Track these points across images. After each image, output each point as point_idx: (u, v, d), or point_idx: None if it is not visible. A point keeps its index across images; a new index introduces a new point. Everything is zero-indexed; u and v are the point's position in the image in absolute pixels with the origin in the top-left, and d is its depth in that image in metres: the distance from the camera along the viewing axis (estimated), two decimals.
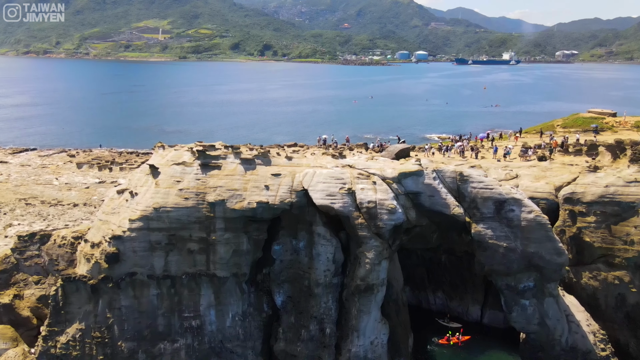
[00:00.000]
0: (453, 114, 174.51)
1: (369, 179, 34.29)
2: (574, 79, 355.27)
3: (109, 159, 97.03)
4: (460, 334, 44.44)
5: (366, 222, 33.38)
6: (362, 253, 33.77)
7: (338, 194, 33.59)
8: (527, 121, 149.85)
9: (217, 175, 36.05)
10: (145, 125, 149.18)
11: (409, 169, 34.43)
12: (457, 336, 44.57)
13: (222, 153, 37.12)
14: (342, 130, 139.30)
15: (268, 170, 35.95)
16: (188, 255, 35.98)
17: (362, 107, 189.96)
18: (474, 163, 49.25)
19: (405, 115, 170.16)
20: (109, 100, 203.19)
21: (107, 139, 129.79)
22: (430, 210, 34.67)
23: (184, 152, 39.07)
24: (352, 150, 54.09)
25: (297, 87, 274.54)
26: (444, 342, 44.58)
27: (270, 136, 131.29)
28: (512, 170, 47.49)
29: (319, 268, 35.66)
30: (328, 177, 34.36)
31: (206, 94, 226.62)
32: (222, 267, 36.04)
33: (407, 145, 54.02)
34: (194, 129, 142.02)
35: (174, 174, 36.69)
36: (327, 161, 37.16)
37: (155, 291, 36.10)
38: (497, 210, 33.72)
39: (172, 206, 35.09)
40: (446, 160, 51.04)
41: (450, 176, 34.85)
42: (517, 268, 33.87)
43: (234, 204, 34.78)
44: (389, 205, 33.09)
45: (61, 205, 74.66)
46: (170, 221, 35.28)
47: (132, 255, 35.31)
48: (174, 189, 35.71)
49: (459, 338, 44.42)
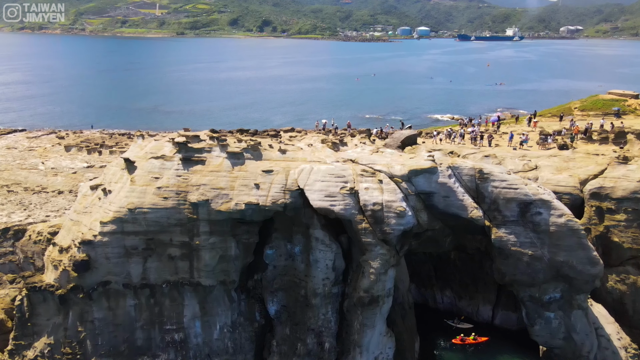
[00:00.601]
0: (457, 92, 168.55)
1: (374, 177, 29.62)
2: (579, 56, 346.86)
3: (99, 142, 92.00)
4: (475, 335, 40.26)
5: (371, 227, 28.86)
6: (366, 262, 29.35)
7: (338, 195, 28.98)
8: (534, 100, 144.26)
9: (200, 172, 31.39)
10: (139, 105, 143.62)
11: (420, 165, 29.69)
12: (474, 336, 40.34)
13: (207, 146, 32.36)
14: (345, 109, 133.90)
15: (258, 165, 31.25)
16: (169, 261, 31.60)
17: (365, 86, 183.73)
18: (488, 152, 44.51)
19: (409, 94, 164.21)
20: (103, 78, 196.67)
21: (100, 119, 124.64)
22: (444, 212, 30.13)
23: (165, 144, 34.32)
24: (353, 136, 49.32)
25: (297, 64, 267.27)
26: (457, 343, 40.42)
27: (268, 116, 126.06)
28: (530, 160, 42.71)
29: (317, 276, 31.31)
30: (327, 175, 29.69)
31: (203, 72, 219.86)
32: (208, 275, 31.70)
33: (413, 132, 49.17)
34: (189, 109, 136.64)
35: (152, 169, 32.03)
36: (326, 155, 32.42)
37: (132, 302, 31.85)
38: (521, 213, 29.18)
39: (150, 207, 30.54)
40: (456, 149, 46.24)
41: (468, 174, 30.16)
42: (543, 278, 29.52)
43: (219, 205, 30.20)
44: (398, 207, 28.51)
45: (45, 192, 69.98)
46: (147, 224, 30.79)
47: (105, 262, 30.93)
48: (152, 187, 31.10)
49: (475, 339, 40.17)
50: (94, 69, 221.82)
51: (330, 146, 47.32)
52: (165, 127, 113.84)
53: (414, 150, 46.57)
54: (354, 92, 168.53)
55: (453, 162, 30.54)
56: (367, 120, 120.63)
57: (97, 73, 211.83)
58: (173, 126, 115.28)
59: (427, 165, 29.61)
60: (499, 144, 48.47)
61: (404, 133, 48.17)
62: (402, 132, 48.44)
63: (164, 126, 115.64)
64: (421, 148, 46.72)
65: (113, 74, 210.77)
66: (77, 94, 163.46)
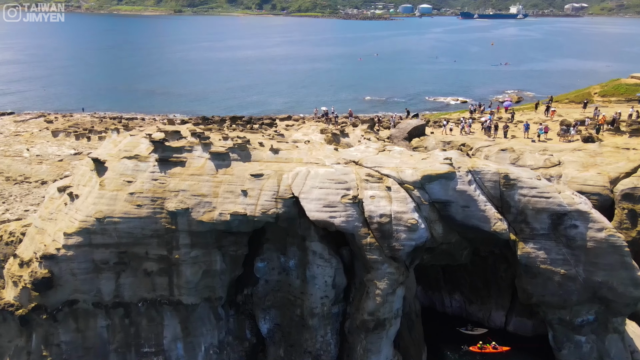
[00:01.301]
0: (462, 73, 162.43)
1: (381, 183, 25.15)
2: (585, 34, 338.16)
3: (88, 127, 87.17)
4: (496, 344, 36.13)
5: (377, 243, 24.54)
6: (371, 282, 25.12)
7: (339, 205, 24.57)
8: (542, 82, 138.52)
9: (179, 175, 26.91)
10: (134, 87, 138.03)
11: (435, 169, 25.13)
12: (493, 345, 36.20)
13: (187, 144, 27.79)
14: (346, 91, 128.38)
15: (246, 168, 26.73)
16: (145, 277, 27.39)
17: (367, 66, 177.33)
18: (504, 145, 39.99)
19: (413, 75, 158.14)
20: (97, 58, 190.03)
21: (92, 101, 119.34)
22: (462, 224, 25.78)
23: (141, 140, 29.74)
24: (355, 126, 44.70)
25: (296, 43, 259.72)
26: (475, 350, 36.33)
27: (266, 99, 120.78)
28: (552, 155, 38.17)
29: (315, 294, 27.14)
30: (326, 180, 25.21)
31: (201, 52, 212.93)
32: (190, 292, 27.54)
33: (420, 121, 44.55)
34: (185, 91, 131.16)
35: (124, 171, 27.56)
36: (325, 154, 27.86)
37: (104, 322, 27.75)
38: (553, 225, 24.82)
39: (121, 216, 26.19)
40: (468, 140, 41.70)
41: (491, 179, 25.65)
42: (577, 300, 25.34)
43: (200, 215, 25.83)
44: (409, 220, 24.14)
45: (27, 182, 65.62)
46: (118, 235, 26.49)
47: (71, 278, 26.72)
48: (124, 193, 26.68)
49: (495, 347, 36.04)
50: (88, 48, 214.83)
51: (330, 137, 42.78)
52: (160, 110, 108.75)
53: (423, 141, 42.07)
54: (355, 73, 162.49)
55: (473, 165, 25.98)
56: (368, 103, 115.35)
57: (92, 52, 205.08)
58: (168, 109, 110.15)
59: (443, 169, 25.06)
60: (515, 135, 43.88)
61: (410, 123, 43.63)
62: (408, 122, 43.88)
63: (158, 109, 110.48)
64: (430, 139, 42.20)
65: (108, 54, 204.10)
66: (70, 75, 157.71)
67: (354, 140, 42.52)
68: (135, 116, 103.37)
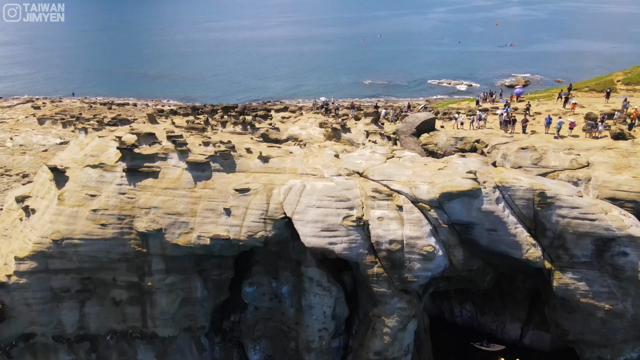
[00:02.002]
0: (467, 55, 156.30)
1: (391, 201, 20.77)
2: (590, 14, 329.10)
3: (76, 114, 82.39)
4: None
5: (386, 274, 20.31)
6: (378, 318, 20.95)
7: (341, 228, 20.24)
8: (549, 64, 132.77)
9: (151, 188, 22.52)
10: (127, 69, 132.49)
11: (456, 186, 20.65)
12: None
13: (161, 151, 23.29)
14: (347, 74, 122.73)
15: (230, 181, 22.30)
16: (113, 306, 23.26)
17: (370, 47, 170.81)
18: (524, 142, 35.41)
19: (416, 57, 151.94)
20: (90, 39, 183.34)
21: (83, 85, 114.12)
22: (488, 250, 21.47)
23: (111, 143, 25.31)
24: (358, 119, 40.13)
25: (297, 24, 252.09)
26: None
27: (265, 83, 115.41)
28: (579, 154, 33.62)
29: (312, 326, 23.02)
30: (325, 197, 20.82)
31: (197, 32, 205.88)
32: (166, 324, 23.42)
33: (429, 115, 39.88)
34: (180, 74, 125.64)
35: (88, 182, 23.16)
36: (324, 163, 23.36)
37: (67, 357, 23.71)
38: (598, 252, 20.54)
39: (82, 237, 21.91)
40: (483, 136, 37.15)
41: (523, 197, 21.23)
42: (622, 339, 21.21)
43: (175, 237, 21.55)
44: (424, 247, 19.86)
45: (8, 176, 61.21)
46: (80, 259, 22.26)
47: (26, 309, 22.58)
48: (85, 209, 22.35)
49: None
50: (81, 30, 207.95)
51: (330, 132, 38.28)
52: (153, 95, 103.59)
53: (433, 137, 37.58)
54: (357, 55, 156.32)
55: (502, 179, 21.51)
56: (370, 87, 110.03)
57: (84, 33, 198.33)
58: (161, 93, 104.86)
59: (466, 186, 20.59)
60: (535, 130, 39.22)
61: (419, 117, 39.00)
62: (417, 116, 39.24)
63: (151, 93, 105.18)
64: (440, 135, 37.68)
65: (102, 34, 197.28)
66: (61, 57, 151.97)
67: (356, 136, 38.05)
68: (127, 101, 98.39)
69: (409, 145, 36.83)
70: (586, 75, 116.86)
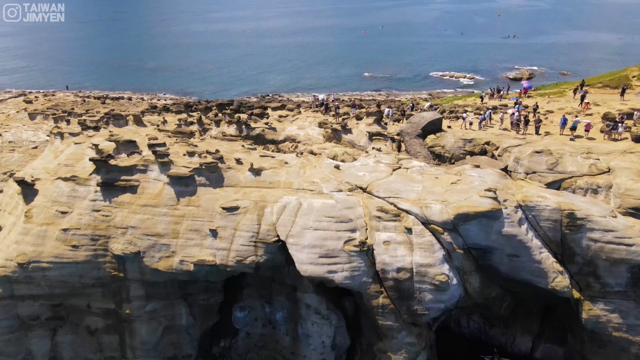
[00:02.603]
0: (470, 47, 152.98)
1: (398, 222, 18.20)
2: (594, 4, 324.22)
3: (68, 108, 79.50)
4: None
5: (393, 305, 17.81)
6: (383, 353, 18.46)
7: (342, 254, 17.71)
8: (553, 56, 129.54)
9: (129, 205, 19.95)
10: (123, 62, 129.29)
11: (474, 206, 17.99)
12: None
13: (140, 162, 20.69)
14: (348, 66, 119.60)
15: (217, 197, 19.72)
16: (88, 335, 20.81)
17: (370, 39, 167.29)
18: (538, 144, 32.78)
19: (418, 49, 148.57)
20: (86, 31, 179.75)
21: (78, 78, 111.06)
22: (509, 278, 18.93)
23: (88, 151, 22.72)
24: (360, 119, 37.43)
25: (297, 14, 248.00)
26: None
27: (263, 76, 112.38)
28: (598, 158, 30.97)
29: (309, 356, 20.56)
30: (324, 217, 18.26)
31: (196, 23, 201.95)
32: (147, 354, 20.95)
33: (436, 115, 37.07)
34: (178, 66, 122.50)
35: (58, 197, 20.59)
36: (323, 176, 20.73)
37: None
38: (634, 281, 18.00)
39: (51, 260, 19.39)
40: (494, 138, 34.49)
41: (549, 218, 18.62)
42: None
43: (155, 261, 19.03)
44: (437, 276, 17.35)
45: None
46: (50, 284, 19.78)
47: None
48: (55, 228, 19.81)
49: None
50: (77, 21, 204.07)
51: (330, 133, 35.64)
52: (149, 89, 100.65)
53: (440, 139, 34.87)
54: (357, 47, 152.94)
55: (525, 198, 18.90)
56: (370, 80, 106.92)
57: (80, 25, 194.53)
58: (158, 86, 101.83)
59: (485, 206, 17.93)
60: (549, 131, 36.50)
61: (425, 117, 36.26)
62: (422, 116, 36.50)
63: (147, 87, 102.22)
64: (448, 137, 35.00)
65: (98, 25, 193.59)
66: (56, 49, 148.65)
67: (357, 137, 35.40)
68: (122, 95, 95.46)
69: (415, 148, 34.17)
70: (591, 67, 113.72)
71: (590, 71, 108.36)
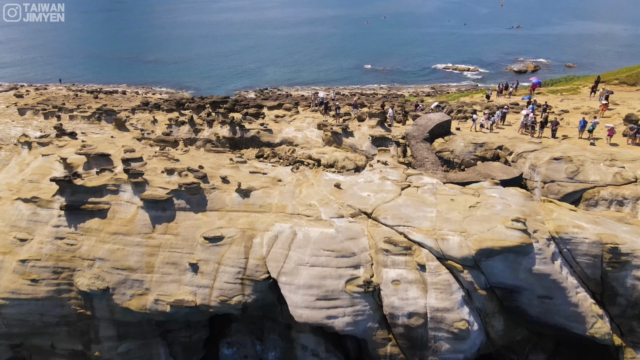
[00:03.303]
0: (473, 38, 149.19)
1: (409, 256, 15.41)
2: None
3: (59, 104, 76.41)
4: None
5: (403, 355, 15.10)
6: None
7: (343, 296, 14.95)
8: (559, 47, 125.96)
9: (97, 232, 17.15)
10: (119, 54, 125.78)
11: (499, 239, 15.08)
12: None
13: (111, 182, 17.85)
14: (348, 58, 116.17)
15: (199, 224, 16.91)
16: None
17: (374, 30, 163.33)
18: (555, 150, 29.95)
19: (420, 40, 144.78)
20: (83, 21, 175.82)
21: (71, 71, 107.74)
22: (539, 322, 16.18)
23: (56, 164, 19.91)
24: (362, 120, 34.57)
25: (297, 4, 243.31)
26: None
27: (262, 68, 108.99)
28: (623, 166, 28.10)
29: None
30: (322, 251, 15.48)
31: (195, 14, 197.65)
32: None
33: (445, 117, 34.01)
34: (174, 59, 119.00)
35: (17, 221, 17.79)
36: (321, 197, 17.86)
37: None
38: None
39: (8, 296, 16.67)
40: (507, 142, 31.65)
41: (588, 252, 15.80)
42: None
43: (127, 299, 16.28)
44: (455, 323, 14.61)
45: None
46: (7, 322, 17.07)
47: None
48: (12, 258, 17.05)
49: None
50: (72, 10, 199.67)
51: (330, 136, 32.80)
52: (144, 82, 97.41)
53: (448, 143, 32.06)
54: (360, 38, 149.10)
55: (559, 229, 16.02)
56: (371, 73, 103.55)
57: (76, 15, 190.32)
58: (153, 79, 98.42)
59: (512, 240, 15.03)
60: (567, 134, 33.55)
61: (432, 119, 33.36)
62: (429, 118, 33.58)
63: (143, 80, 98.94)
64: (457, 141, 32.16)
65: (94, 16, 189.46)
66: (50, 40, 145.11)
67: (359, 141, 32.57)
68: (117, 89, 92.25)
69: (421, 153, 31.31)
70: (598, 59, 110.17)
71: (597, 64, 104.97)
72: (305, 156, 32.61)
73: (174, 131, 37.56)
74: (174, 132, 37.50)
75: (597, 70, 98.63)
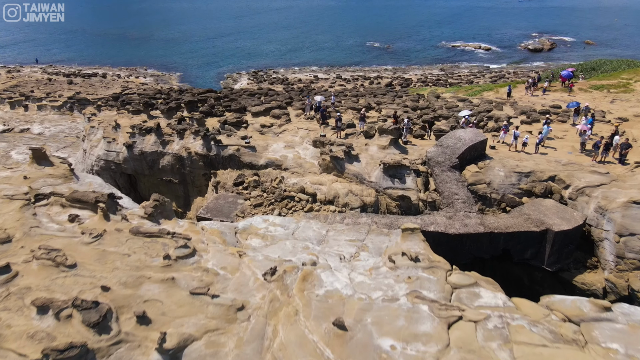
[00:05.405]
0: (482, 10, 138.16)
1: None
2: None
3: (27, 91, 67.32)
4: None
5: None
6: None
7: None
8: (574, 22, 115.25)
9: None
10: (105, 29, 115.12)
11: None
12: None
13: None
14: (351, 36, 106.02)
15: None
16: None
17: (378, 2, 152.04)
18: (632, 186, 21.70)
19: (426, 13, 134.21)
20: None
21: (51, 50, 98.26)
22: None
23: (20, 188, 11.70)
24: (370, 138, 26.12)
25: None
26: None
27: (258, 46, 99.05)
28: None
29: None
30: None
31: None
32: None
33: (479, 135, 25.19)
34: (163, 37, 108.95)
35: None
36: (309, 352, 9.80)
37: None
38: None
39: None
40: (562, 171, 23.27)
41: None
42: None
43: None
44: None
45: None
46: None
47: None
48: None
49: None
50: None
51: (329, 162, 24.41)
52: (130, 62, 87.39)
53: (484, 172, 23.63)
54: (362, 11, 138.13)
55: None
56: (377, 51, 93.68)
57: None
58: (138, 60, 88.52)
59: None
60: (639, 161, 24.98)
61: (462, 138, 24.77)
62: (458, 137, 24.89)
63: (127, 60, 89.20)
64: (495, 169, 23.77)
65: None
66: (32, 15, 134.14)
67: (367, 168, 24.32)
68: (97, 71, 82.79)
69: (449, 187, 23.05)
70: (619, 35, 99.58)
71: (618, 40, 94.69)
72: (296, 188, 24.36)
73: (137, 142, 29.36)
74: (137, 143, 29.30)
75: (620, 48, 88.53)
